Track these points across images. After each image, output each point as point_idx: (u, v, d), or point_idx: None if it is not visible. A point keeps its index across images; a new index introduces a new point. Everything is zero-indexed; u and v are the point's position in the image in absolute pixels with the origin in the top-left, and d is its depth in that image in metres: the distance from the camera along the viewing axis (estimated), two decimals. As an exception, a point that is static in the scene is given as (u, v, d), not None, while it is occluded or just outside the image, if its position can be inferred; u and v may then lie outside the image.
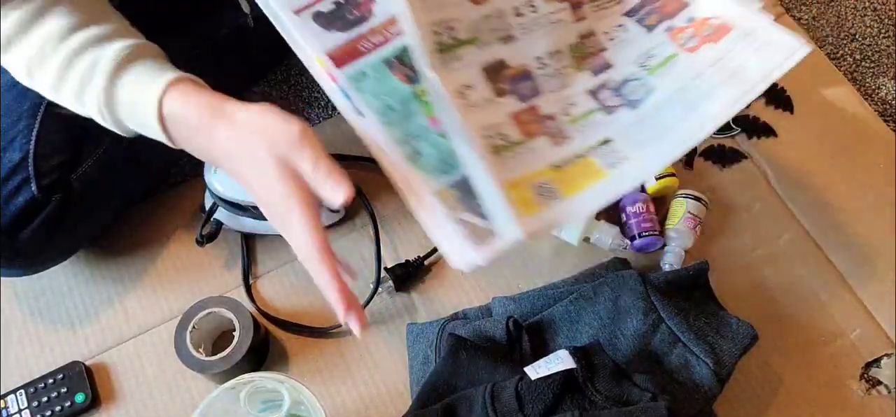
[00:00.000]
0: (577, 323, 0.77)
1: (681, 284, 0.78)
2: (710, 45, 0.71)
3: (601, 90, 0.73)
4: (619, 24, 0.75)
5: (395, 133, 0.68)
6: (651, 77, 0.73)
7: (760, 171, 0.94)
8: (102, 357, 0.84)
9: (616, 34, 0.75)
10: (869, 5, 1.10)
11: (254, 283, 0.87)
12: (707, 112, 0.69)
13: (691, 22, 0.73)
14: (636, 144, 0.70)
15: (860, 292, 0.86)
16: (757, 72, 0.68)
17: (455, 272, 0.87)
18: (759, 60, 0.69)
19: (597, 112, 0.72)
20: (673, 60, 0.73)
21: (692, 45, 0.72)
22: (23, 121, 0.78)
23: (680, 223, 0.86)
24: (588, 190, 0.67)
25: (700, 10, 0.73)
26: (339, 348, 0.83)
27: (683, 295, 0.78)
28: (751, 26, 0.70)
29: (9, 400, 0.80)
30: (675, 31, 0.73)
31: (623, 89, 0.73)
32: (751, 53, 0.69)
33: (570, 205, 0.66)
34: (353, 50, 0.70)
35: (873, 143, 0.95)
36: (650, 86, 0.72)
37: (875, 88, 1.03)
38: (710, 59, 0.71)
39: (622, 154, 0.69)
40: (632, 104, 0.72)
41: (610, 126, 0.71)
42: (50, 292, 0.87)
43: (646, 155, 0.69)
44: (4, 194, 0.76)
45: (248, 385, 0.67)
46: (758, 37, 0.70)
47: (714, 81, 0.70)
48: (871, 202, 0.91)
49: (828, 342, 0.83)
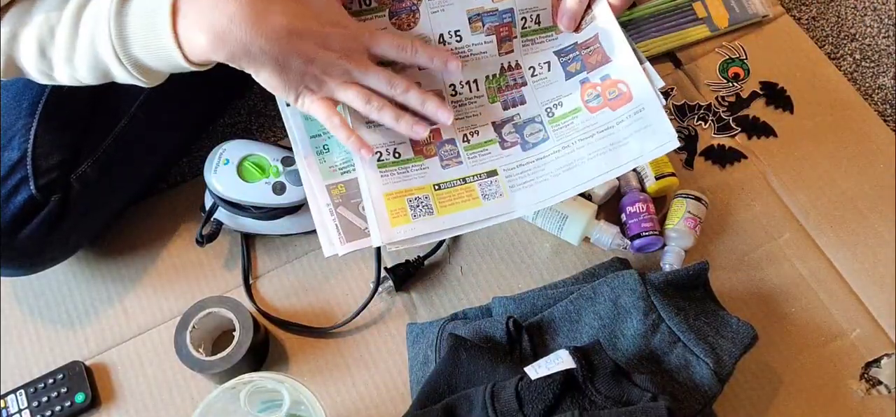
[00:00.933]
0: (577, 323, 0.77)
1: (681, 284, 0.78)
2: (607, 110, 0.75)
3: (505, 124, 0.77)
4: (546, 62, 0.78)
5: (311, 128, 0.76)
6: (550, 126, 0.77)
7: (760, 171, 0.94)
8: (102, 356, 0.84)
9: (539, 72, 0.78)
10: (869, 5, 1.10)
11: (254, 283, 0.87)
12: (578, 176, 0.74)
13: (604, 80, 0.76)
14: (513, 185, 0.75)
15: (860, 292, 0.86)
16: (632, 152, 0.73)
17: (455, 272, 0.87)
18: (638, 142, 0.73)
19: (494, 143, 0.76)
20: (574, 115, 0.77)
21: (594, 104, 0.76)
22: (22, 120, 0.78)
23: (680, 223, 0.86)
24: (460, 213, 0.73)
25: (615, 72, 0.75)
26: (339, 348, 0.83)
27: (683, 294, 0.78)
28: (644, 105, 0.73)
29: (9, 400, 0.80)
30: (587, 85, 0.77)
31: (524, 129, 0.77)
32: (634, 132, 0.73)
33: (440, 222, 0.73)
34: None
35: (873, 143, 0.95)
36: (546, 134, 0.77)
37: (875, 88, 1.03)
38: (602, 124, 0.76)
39: (500, 189, 0.75)
40: (525, 145, 0.77)
41: (500, 160, 0.77)
42: (50, 292, 0.87)
43: (516, 196, 0.75)
44: (3, 193, 0.76)
45: (248, 385, 0.67)
46: (644, 118, 0.73)
47: (595, 148, 0.75)
48: (871, 202, 0.91)
49: (828, 342, 0.83)
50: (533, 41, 0.78)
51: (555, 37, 0.78)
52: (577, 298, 0.77)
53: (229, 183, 0.82)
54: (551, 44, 0.78)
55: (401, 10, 0.73)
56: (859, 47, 1.06)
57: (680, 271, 0.78)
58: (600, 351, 0.70)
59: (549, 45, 0.78)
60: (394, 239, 0.71)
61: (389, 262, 0.86)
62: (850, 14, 1.09)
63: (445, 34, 0.75)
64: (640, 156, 0.72)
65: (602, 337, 0.75)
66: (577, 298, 0.77)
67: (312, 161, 0.74)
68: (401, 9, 0.73)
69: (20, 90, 0.79)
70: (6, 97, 0.79)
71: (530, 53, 0.78)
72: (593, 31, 0.76)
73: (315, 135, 0.76)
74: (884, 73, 1.04)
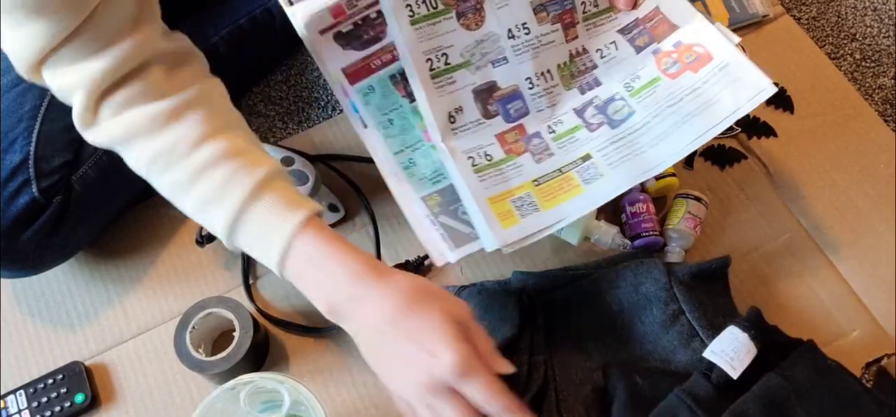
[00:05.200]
0: (595, 305, 0.78)
1: (703, 278, 0.79)
2: (689, 73, 0.75)
3: (587, 108, 0.77)
4: (612, 42, 0.78)
5: (393, 144, 0.76)
6: (632, 99, 0.76)
7: (760, 171, 0.94)
8: (102, 357, 0.84)
9: (607, 52, 0.78)
10: (869, 5, 1.10)
11: (254, 284, 0.87)
12: (677, 141, 0.73)
13: (677, 47, 0.76)
14: (612, 162, 0.75)
15: (860, 292, 0.85)
16: (727, 106, 0.73)
17: (455, 271, 0.87)
18: (731, 95, 0.73)
19: (580, 129, 0.76)
20: (655, 84, 0.77)
21: (674, 71, 0.76)
22: (23, 122, 0.78)
23: (680, 223, 0.86)
24: (565, 203, 0.73)
25: (687, 36, 0.75)
26: (339, 348, 0.83)
27: (705, 288, 0.78)
28: (727, 60, 0.73)
29: (9, 401, 0.80)
30: (661, 55, 0.77)
31: (607, 108, 0.77)
32: (724, 87, 0.73)
33: (547, 217, 0.72)
34: (366, 67, 0.77)
35: (873, 143, 0.95)
36: (631, 108, 0.75)
37: (875, 88, 1.02)
38: (688, 88, 0.75)
39: (599, 170, 0.75)
40: (612, 123, 0.76)
41: (591, 143, 0.76)
42: (50, 292, 0.87)
43: (618, 173, 0.74)
44: (5, 196, 0.77)
45: (248, 385, 0.67)
46: (731, 72, 0.73)
47: (688, 110, 0.74)
48: (872, 202, 0.91)
49: (828, 342, 0.83)
50: (595, 24, 0.78)
51: (614, 17, 0.78)
52: (598, 280, 0.78)
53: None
54: (613, 24, 0.79)
55: (467, 9, 0.73)
56: (860, 47, 1.06)
57: (703, 265, 0.79)
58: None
59: (610, 25, 0.79)
60: (508, 240, 0.70)
61: (390, 262, 0.86)
62: (850, 14, 1.09)
63: (513, 28, 0.75)
64: (737, 109, 0.72)
65: (620, 322, 0.76)
66: (598, 280, 0.78)
67: (401, 177, 0.74)
68: (466, 8, 0.73)
69: (22, 93, 0.79)
70: (8, 100, 0.79)
71: (594, 36, 0.78)
72: (653, 4, 0.77)
73: (398, 151, 0.76)
74: (884, 73, 1.04)
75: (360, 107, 0.77)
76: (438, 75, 0.73)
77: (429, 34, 0.73)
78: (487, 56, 0.75)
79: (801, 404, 0.67)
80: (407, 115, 0.78)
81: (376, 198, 0.91)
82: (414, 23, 0.72)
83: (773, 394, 0.67)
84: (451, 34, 0.73)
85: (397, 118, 0.77)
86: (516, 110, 0.77)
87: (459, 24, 0.73)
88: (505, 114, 0.76)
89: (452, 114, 0.74)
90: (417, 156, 0.76)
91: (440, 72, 0.73)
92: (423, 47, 0.73)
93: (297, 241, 0.62)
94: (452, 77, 0.74)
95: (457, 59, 0.74)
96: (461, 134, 0.74)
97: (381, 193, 0.91)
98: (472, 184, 0.72)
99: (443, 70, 0.73)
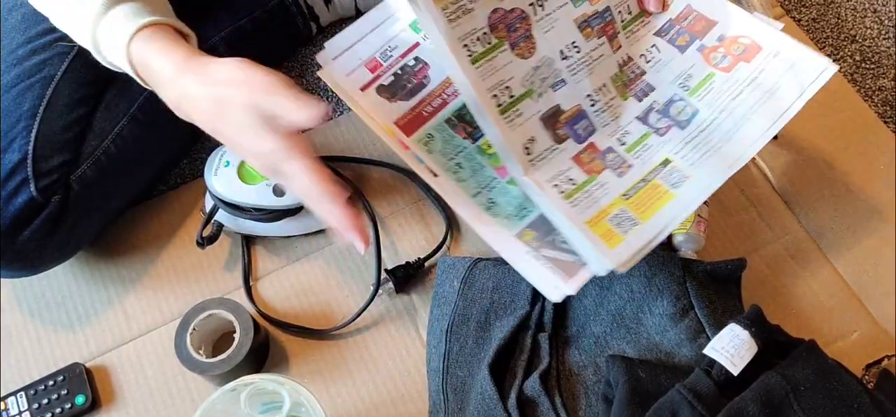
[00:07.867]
0: (606, 291, 0.78)
1: (717, 278, 0.79)
2: (743, 64, 0.73)
3: (649, 114, 0.76)
4: (653, 45, 0.78)
5: (468, 187, 0.74)
6: (692, 98, 0.76)
7: (760, 171, 0.94)
8: (103, 358, 0.84)
9: (651, 55, 0.78)
10: (869, 7, 1.10)
11: (254, 285, 0.87)
12: (749, 134, 0.72)
13: (722, 41, 0.75)
14: (693, 162, 0.73)
15: (861, 293, 0.86)
16: (792, 91, 0.71)
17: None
18: (793, 80, 0.71)
19: (650, 135, 0.75)
20: (710, 81, 0.76)
21: (726, 64, 0.75)
22: (22, 122, 0.78)
23: (691, 227, 0.84)
24: (661, 211, 0.71)
25: (730, 30, 0.75)
26: (339, 349, 0.83)
27: (717, 287, 0.79)
28: (778, 46, 0.72)
29: (9, 402, 0.80)
30: (708, 50, 0.76)
31: (670, 110, 0.76)
32: (783, 73, 0.71)
33: (650, 228, 0.70)
34: (419, 116, 0.77)
35: (873, 144, 0.95)
36: (693, 107, 0.75)
37: (875, 89, 1.03)
38: (746, 78, 0.74)
39: (684, 173, 0.73)
40: (680, 124, 0.75)
41: (665, 146, 0.75)
42: (50, 293, 0.87)
43: (703, 172, 0.72)
44: (4, 195, 0.76)
45: (249, 386, 0.67)
46: (786, 57, 0.72)
47: (752, 101, 0.73)
48: (872, 203, 0.91)
49: (828, 343, 0.83)
50: (633, 31, 0.78)
51: (648, 20, 0.78)
52: None
53: (230, 185, 0.82)
54: (647, 27, 0.78)
55: (518, 39, 0.72)
56: (859, 49, 1.06)
57: (719, 264, 0.79)
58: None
59: (645, 29, 0.78)
60: (620, 259, 0.68)
61: (390, 264, 0.86)
62: (850, 15, 1.09)
63: (564, 49, 0.74)
64: (802, 93, 0.71)
65: (629, 309, 0.76)
66: None
67: (487, 219, 0.72)
68: (518, 38, 0.72)
69: (21, 92, 0.79)
70: (7, 99, 0.79)
71: (635, 43, 0.78)
72: (685, 3, 0.76)
73: (476, 194, 0.74)
74: (884, 75, 1.04)
75: (424, 157, 0.75)
76: (506, 110, 0.71)
77: (489, 70, 0.71)
78: (546, 81, 0.74)
79: (799, 403, 0.67)
80: (474, 156, 0.77)
81: (376, 199, 0.91)
82: (474, 61, 0.70)
83: (771, 393, 0.67)
84: (509, 66, 0.72)
85: (465, 161, 0.76)
86: (584, 129, 0.75)
87: (514, 54, 0.72)
88: (574, 135, 0.75)
89: (527, 147, 0.73)
90: (495, 194, 0.74)
91: (507, 107, 0.72)
92: (487, 84, 0.71)
93: (132, 46, 0.65)
94: (519, 109, 0.72)
95: (519, 90, 0.72)
96: (539, 164, 0.72)
97: (382, 193, 0.92)
98: (568, 211, 0.70)
99: (508, 103, 0.72)
